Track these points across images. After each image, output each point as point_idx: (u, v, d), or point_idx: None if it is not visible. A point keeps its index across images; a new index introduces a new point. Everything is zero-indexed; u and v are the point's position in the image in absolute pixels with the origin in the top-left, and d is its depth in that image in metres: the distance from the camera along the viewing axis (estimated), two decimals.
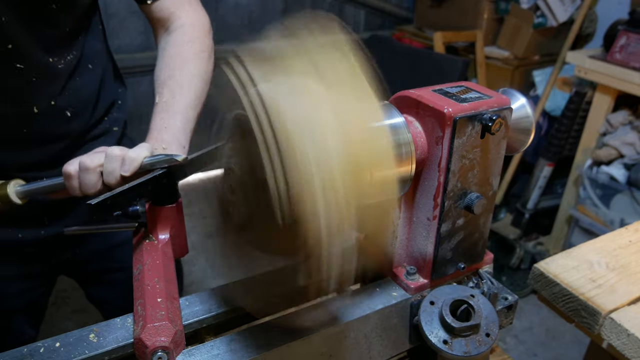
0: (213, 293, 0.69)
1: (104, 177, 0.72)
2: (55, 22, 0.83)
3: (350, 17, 3.39)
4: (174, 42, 0.93)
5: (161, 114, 0.85)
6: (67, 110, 0.91)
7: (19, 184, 0.78)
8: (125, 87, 1.11)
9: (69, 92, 0.90)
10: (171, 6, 0.95)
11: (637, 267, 0.86)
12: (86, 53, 0.93)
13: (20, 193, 0.77)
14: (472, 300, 0.64)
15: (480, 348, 0.61)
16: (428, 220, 0.65)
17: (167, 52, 0.93)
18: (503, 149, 0.65)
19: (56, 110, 0.89)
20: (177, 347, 0.57)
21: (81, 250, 1.07)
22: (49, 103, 0.87)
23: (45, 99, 0.87)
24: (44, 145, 0.91)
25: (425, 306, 0.65)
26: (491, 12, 2.90)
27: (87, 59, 0.94)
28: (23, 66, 0.80)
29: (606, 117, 2.32)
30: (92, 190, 0.73)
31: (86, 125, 0.96)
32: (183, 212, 0.77)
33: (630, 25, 2.21)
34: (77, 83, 0.91)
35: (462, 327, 0.61)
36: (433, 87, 0.65)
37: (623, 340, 0.75)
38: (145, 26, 2.74)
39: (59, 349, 0.58)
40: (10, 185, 0.76)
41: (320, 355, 0.63)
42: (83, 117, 0.95)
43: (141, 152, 0.72)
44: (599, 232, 2.29)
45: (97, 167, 0.72)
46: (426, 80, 2.37)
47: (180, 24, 0.95)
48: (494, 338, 0.62)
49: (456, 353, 0.60)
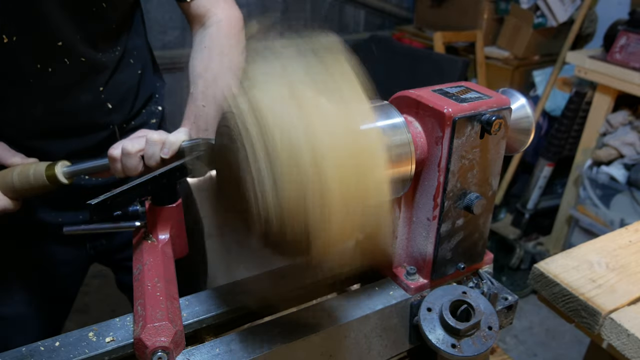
0: (213, 293, 0.69)
1: (145, 160, 0.76)
2: (102, 19, 0.88)
3: (350, 17, 3.39)
4: (210, 36, 0.97)
5: (196, 102, 0.89)
6: (109, 103, 0.95)
7: (66, 164, 0.81)
8: (164, 81, 1.15)
9: (111, 86, 0.95)
10: (207, 3, 0.99)
11: (637, 267, 0.86)
12: (129, 48, 0.98)
13: (67, 173, 0.80)
14: (467, 298, 0.64)
15: (488, 342, 0.61)
16: (428, 221, 0.65)
17: (203, 45, 0.96)
18: (502, 149, 0.65)
19: (100, 102, 0.94)
20: (177, 347, 0.57)
21: (114, 237, 1.10)
22: (93, 96, 0.92)
23: (90, 93, 0.91)
24: (88, 135, 0.96)
25: (424, 314, 0.64)
26: (491, 12, 2.90)
27: (129, 54, 0.98)
28: (70, 61, 0.85)
29: (606, 117, 2.32)
30: (134, 172, 0.77)
31: (126, 117, 1.01)
32: (183, 212, 0.78)
33: (630, 25, 2.21)
34: (119, 77, 0.96)
35: (467, 327, 0.61)
36: (433, 87, 0.65)
37: (623, 340, 0.75)
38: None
39: (59, 349, 0.58)
40: (58, 166, 0.79)
41: (320, 355, 0.63)
42: (124, 109, 1.00)
43: (180, 136, 0.76)
44: (599, 232, 2.29)
45: (138, 151, 0.76)
46: (426, 80, 2.37)
47: (217, 19, 0.99)
48: (496, 330, 0.62)
49: (468, 354, 0.60)
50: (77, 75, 0.88)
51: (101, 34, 0.89)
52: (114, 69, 0.94)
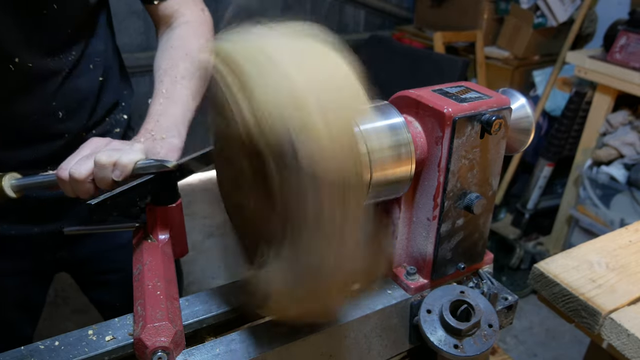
0: (213, 293, 0.69)
1: (97, 182, 0.71)
2: (53, 23, 0.82)
3: (350, 17, 3.39)
4: (178, 36, 0.94)
5: (160, 99, 0.84)
6: (61, 110, 0.89)
7: (15, 177, 0.77)
8: (132, 89, 1.09)
9: (65, 92, 0.89)
10: (175, 4, 0.96)
11: (637, 267, 0.86)
12: (88, 53, 0.92)
13: (15, 187, 0.76)
14: (466, 297, 0.64)
15: (489, 341, 0.61)
16: (428, 221, 0.65)
17: (170, 44, 0.93)
18: (503, 149, 0.65)
19: (50, 110, 0.88)
20: (177, 347, 0.57)
21: (77, 250, 1.07)
22: (42, 103, 0.86)
23: (39, 99, 0.86)
24: (40, 144, 0.90)
25: (424, 316, 0.64)
26: (491, 12, 2.90)
27: (88, 59, 0.92)
28: (16, 67, 0.80)
29: (606, 117, 2.32)
30: (86, 195, 0.72)
31: (84, 126, 0.95)
32: (183, 212, 0.78)
33: (630, 25, 2.21)
34: (75, 83, 0.90)
35: (469, 327, 0.61)
36: (433, 87, 0.65)
37: (623, 340, 0.75)
38: (145, 26, 2.74)
39: (59, 349, 0.58)
40: (5, 179, 0.76)
41: (320, 355, 0.63)
42: (80, 117, 0.93)
43: (134, 157, 0.70)
44: (599, 232, 2.29)
45: (87, 177, 0.71)
46: (426, 80, 2.37)
47: (185, 20, 0.96)
48: (497, 328, 0.62)
49: (470, 354, 0.60)
50: (24, 81, 0.82)
51: (52, 38, 0.83)
52: (66, 74, 0.88)
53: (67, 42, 0.87)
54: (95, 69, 0.94)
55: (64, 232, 0.77)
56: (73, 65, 0.89)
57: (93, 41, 0.93)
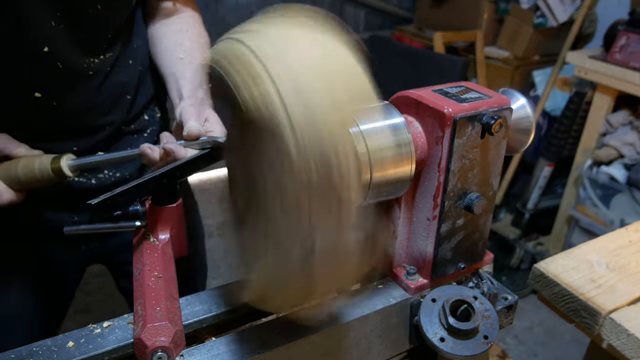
0: (213, 293, 0.69)
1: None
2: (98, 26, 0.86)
3: (350, 17, 3.39)
4: (188, 23, 0.98)
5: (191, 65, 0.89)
6: (104, 105, 0.93)
7: (71, 157, 0.81)
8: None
9: (107, 87, 0.92)
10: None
11: (637, 267, 0.86)
12: (127, 50, 0.96)
13: (73, 166, 0.80)
14: (473, 301, 0.64)
15: (477, 349, 0.61)
16: (428, 221, 0.65)
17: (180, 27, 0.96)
18: (503, 149, 0.65)
19: (94, 105, 0.92)
20: (177, 347, 0.57)
21: (108, 241, 1.08)
22: (87, 99, 0.90)
23: (83, 96, 0.89)
24: (83, 137, 0.94)
25: (427, 303, 0.65)
26: (491, 12, 2.90)
27: (128, 55, 0.96)
28: (60, 66, 0.83)
29: (606, 117, 2.32)
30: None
31: (123, 120, 0.99)
32: (183, 212, 0.78)
33: (630, 25, 2.21)
34: (115, 78, 0.94)
35: (459, 326, 0.61)
36: (433, 87, 0.65)
37: (623, 340, 0.75)
38: None
39: (59, 349, 0.58)
40: (63, 159, 0.79)
41: (320, 355, 0.63)
42: (120, 110, 0.97)
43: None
44: (599, 232, 2.30)
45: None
46: (426, 80, 2.37)
47: (191, 13, 0.99)
48: (491, 342, 0.62)
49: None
50: (69, 81, 0.86)
51: (96, 38, 0.87)
52: (109, 71, 0.92)
53: (111, 40, 0.91)
54: (135, 64, 0.98)
55: (64, 232, 0.77)
56: (115, 61, 0.93)
57: (132, 38, 0.97)
